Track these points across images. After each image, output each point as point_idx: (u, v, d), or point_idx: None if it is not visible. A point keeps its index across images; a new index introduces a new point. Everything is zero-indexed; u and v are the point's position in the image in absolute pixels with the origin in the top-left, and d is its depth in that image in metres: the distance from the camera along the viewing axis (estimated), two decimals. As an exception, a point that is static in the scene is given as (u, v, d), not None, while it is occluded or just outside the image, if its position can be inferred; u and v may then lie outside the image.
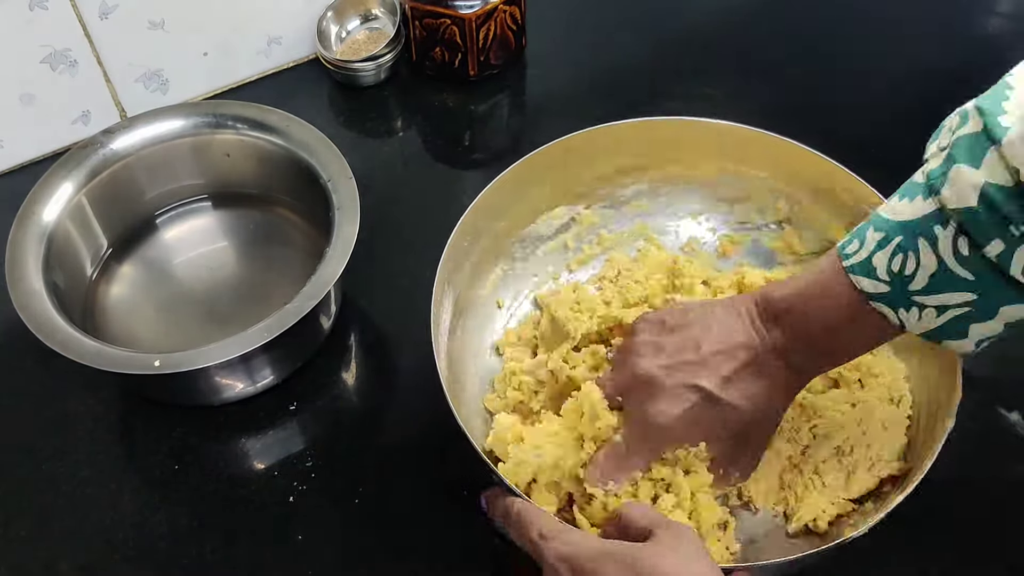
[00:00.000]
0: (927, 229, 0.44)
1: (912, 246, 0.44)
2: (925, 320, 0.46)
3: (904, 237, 0.45)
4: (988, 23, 0.90)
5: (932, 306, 0.45)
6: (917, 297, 0.45)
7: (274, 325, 0.56)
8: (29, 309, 0.57)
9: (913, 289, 0.45)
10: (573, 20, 0.90)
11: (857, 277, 0.46)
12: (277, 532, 0.57)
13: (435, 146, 0.79)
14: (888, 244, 0.45)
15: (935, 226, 0.43)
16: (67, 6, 0.70)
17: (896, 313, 0.46)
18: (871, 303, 0.46)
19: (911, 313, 0.46)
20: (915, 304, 0.45)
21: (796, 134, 0.66)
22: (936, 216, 0.43)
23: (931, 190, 0.44)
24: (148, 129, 0.68)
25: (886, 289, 0.46)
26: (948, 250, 0.43)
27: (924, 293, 0.45)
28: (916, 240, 0.44)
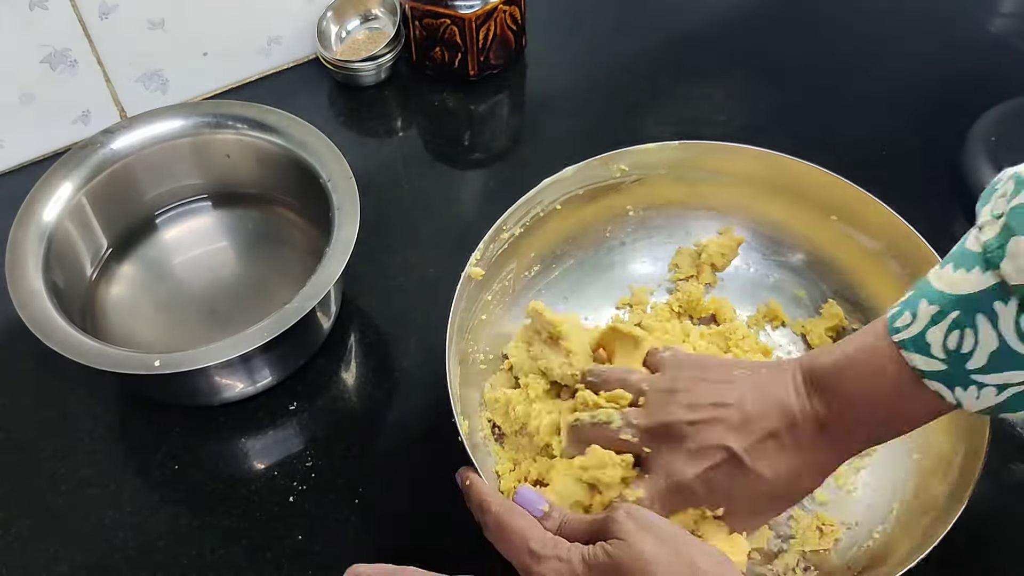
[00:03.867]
0: (986, 305, 0.41)
1: (970, 323, 0.41)
2: (984, 399, 0.43)
3: (961, 312, 0.42)
4: (989, 23, 0.90)
5: (992, 384, 0.42)
6: (976, 376, 0.42)
7: (274, 325, 0.56)
8: (29, 309, 0.57)
9: (971, 368, 0.42)
10: (573, 20, 0.90)
11: (910, 354, 0.43)
12: (277, 532, 0.57)
13: (435, 146, 0.79)
14: (943, 319, 0.42)
15: (995, 302, 0.41)
16: (67, 6, 0.70)
17: (952, 392, 0.43)
18: (926, 381, 0.43)
19: (968, 392, 0.43)
20: (974, 383, 0.42)
21: (796, 134, 0.66)
22: (996, 291, 0.41)
23: (988, 263, 0.41)
24: (148, 129, 0.68)
25: (942, 367, 0.43)
26: (1010, 328, 0.40)
27: (984, 372, 0.42)
28: (975, 316, 0.41)
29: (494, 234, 0.61)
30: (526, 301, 0.64)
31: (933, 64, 0.85)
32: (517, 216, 0.62)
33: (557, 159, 0.64)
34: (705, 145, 0.65)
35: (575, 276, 0.67)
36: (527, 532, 0.45)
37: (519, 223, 0.63)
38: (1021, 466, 0.59)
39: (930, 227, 0.59)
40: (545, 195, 0.63)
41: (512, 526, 0.46)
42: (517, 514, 0.46)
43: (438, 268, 0.70)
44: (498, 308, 0.63)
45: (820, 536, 0.55)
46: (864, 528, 0.55)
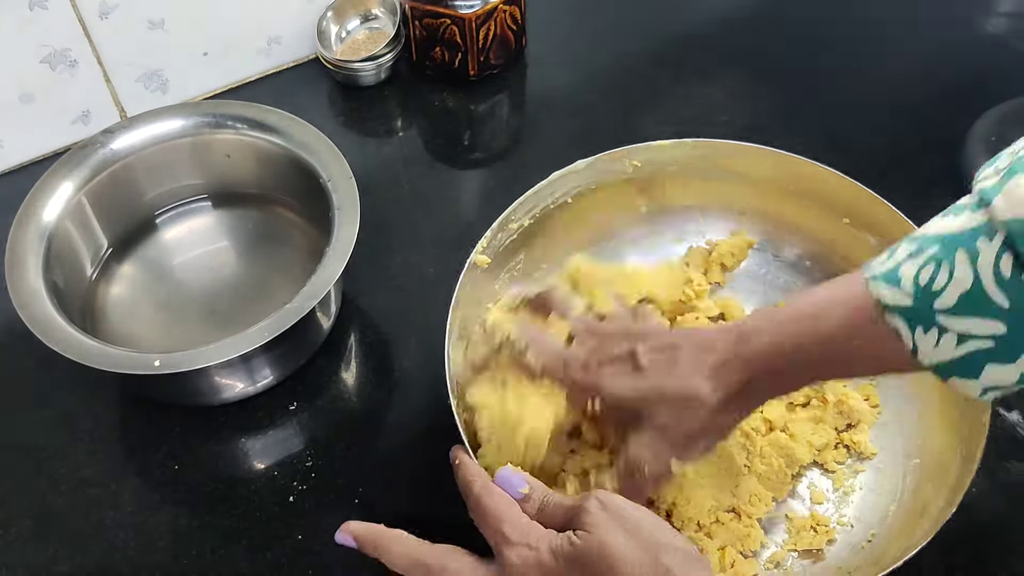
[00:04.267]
0: (969, 241, 0.40)
1: (948, 257, 0.40)
2: (942, 347, 0.41)
3: (940, 247, 0.41)
4: (988, 23, 0.90)
5: (955, 331, 0.40)
6: (941, 317, 0.40)
7: (274, 325, 0.56)
8: (29, 309, 0.57)
9: (939, 307, 0.40)
10: (573, 20, 0.90)
11: (877, 285, 0.42)
12: (277, 532, 0.57)
13: (435, 146, 0.79)
14: (920, 254, 0.41)
15: (979, 238, 0.39)
16: (67, 6, 0.70)
17: (912, 333, 0.41)
18: (887, 315, 0.42)
19: (929, 335, 0.41)
20: (936, 324, 0.40)
21: (796, 134, 0.66)
22: (983, 228, 0.39)
23: (981, 203, 0.40)
24: (148, 129, 0.68)
25: (908, 302, 0.41)
26: (988, 266, 0.39)
27: (950, 313, 0.40)
28: (954, 252, 0.40)
29: (503, 223, 0.61)
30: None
31: (933, 64, 0.85)
32: (527, 207, 0.62)
33: (557, 159, 0.64)
34: (719, 144, 0.64)
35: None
36: (502, 514, 0.45)
37: (528, 214, 0.63)
38: (1018, 465, 0.59)
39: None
40: (556, 187, 0.63)
41: (489, 507, 0.45)
42: (496, 495, 0.46)
43: (438, 268, 0.70)
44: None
45: (814, 536, 0.55)
46: (860, 529, 0.55)
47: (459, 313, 0.57)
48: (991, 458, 0.59)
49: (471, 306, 0.59)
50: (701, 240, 0.68)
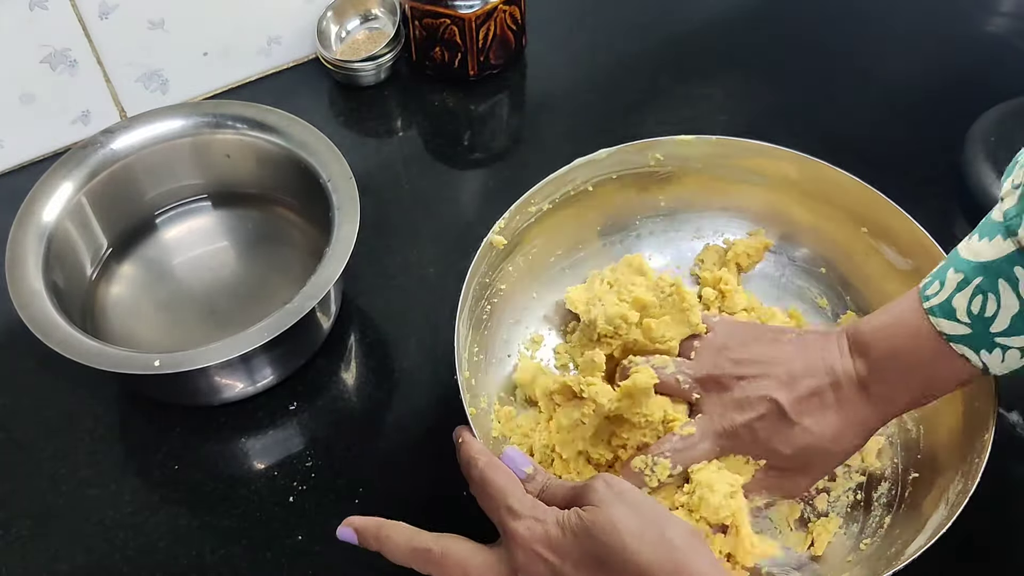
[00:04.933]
0: (1007, 270, 0.44)
1: (992, 288, 0.44)
2: (1009, 361, 0.46)
3: (984, 278, 0.45)
4: (989, 22, 0.90)
5: (1016, 347, 0.45)
6: (999, 339, 0.45)
7: (274, 325, 0.56)
8: (29, 309, 0.57)
9: (995, 331, 0.45)
10: (573, 20, 0.90)
11: (937, 319, 0.47)
12: (277, 532, 0.57)
13: (435, 146, 0.79)
14: (968, 285, 0.45)
15: (1015, 267, 0.44)
16: (67, 6, 0.70)
17: (978, 355, 0.46)
18: (953, 345, 0.46)
19: (994, 355, 0.46)
20: (998, 346, 0.45)
21: (796, 134, 0.66)
22: (1016, 257, 0.43)
23: (1008, 230, 0.44)
24: (148, 129, 0.68)
25: (967, 331, 0.46)
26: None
27: (1007, 335, 0.45)
28: (996, 281, 0.44)
29: (521, 206, 0.61)
30: (547, 277, 0.65)
31: (933, 64, 0.85)
32: (547, 192, 0.62)
33: (557, 159, 0.64)
34: (742, 143, 0.64)
35: (599, 261, 0.66)
36: (508, 489, 0.46)
37: (548, 199, 0.63)
38: (1018, 465, 0.59)
39: (930, 227, 0.59)
40: (578, 174, 0.63)
41: (494, 482, 0.46)
42: (501, 471, 0.47)
43: (438, 268, 0.70)
44: (520, 281, 0.63)
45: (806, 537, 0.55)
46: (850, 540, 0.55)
47: (472, 291, 0.58)
48: (994, 459, 0.59)
49: (483, 288, 0.60)
50: (718, 238, 0.68)
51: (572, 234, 0.66)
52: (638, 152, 0.64)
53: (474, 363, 0.58)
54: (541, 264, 0.65)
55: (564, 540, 0.43)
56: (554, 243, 0.65)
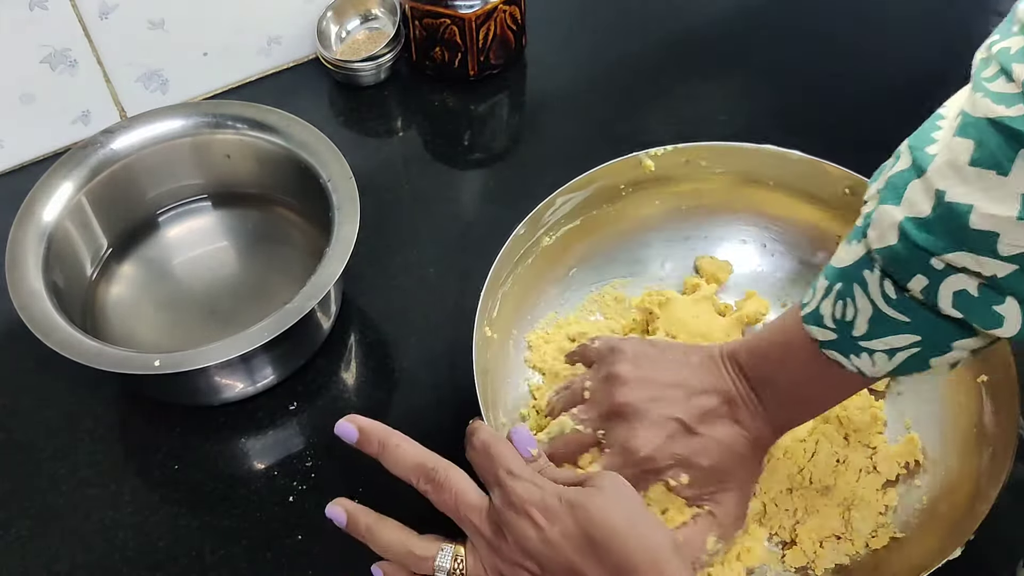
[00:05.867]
0: (857, 274, 0.44)
1: (849, 292, 0.44)
2: (879, 364, 0.45)
3: (843, 284, 0.45)
4: (989, 23, 0.90)
5: (881, 351, 0.44)
6: (863, 343, 0.44)
7: (274, 325, 0.56)
8: (29, 309, 0.57)
9: (857, 335, 0.44)
10: (573, 20, 0.90)
11: (809, 327, 0.46)
12: (277, 532, 0.57)
13: (435, 146, 0.79)
14: (831, 292, 0.45)
15: (864, 270, 0.43)
16: (67, 6, 0.70)
17: (849, 360, 0.46)
18: (824, 351, 0.46)
19: (862, 359, 0.45)
20: (864, 350, 0.45)
21: (796, 134, 0.66)
22: (865, 260, 0.43)
23: (862, 233, 0.43)
24: (148, 129, 0.68)
25: (833, 336, 0.45)
26: (877, 294, 0.43)
27: (868, 338, 0.44)
28: (851, 286, 0.44)
29: (565, 190, 0.62)
30: (561, 271, 0.65)
31: (933, 64, 0.85)
32: (587, 181, 0.63)
33: (557, 159, 0.64)
34: (772, 152, 0.64)
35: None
36: (511, 456, 0.47)
37: (585, 188, 0.64)
38: (1021, 466, 0.59)
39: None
40: (617, 174, 0.64)
41: (498, 448, 0.47)
42: (506, 444, 0.48)
43: (438, 268, 0.70)
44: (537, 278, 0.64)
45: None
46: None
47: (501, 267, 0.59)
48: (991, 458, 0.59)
49: (508, 264, 0.61)
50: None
51: (604, 234, 0.66)
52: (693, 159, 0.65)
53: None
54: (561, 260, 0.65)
55: (559, 508, 0.44)
56: (584, 236, 0.66)
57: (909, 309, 0.42)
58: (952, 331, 0.42)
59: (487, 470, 0.47)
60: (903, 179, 0.42)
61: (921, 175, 0.40)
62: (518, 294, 0.62)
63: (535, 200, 0.63)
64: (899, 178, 0.42)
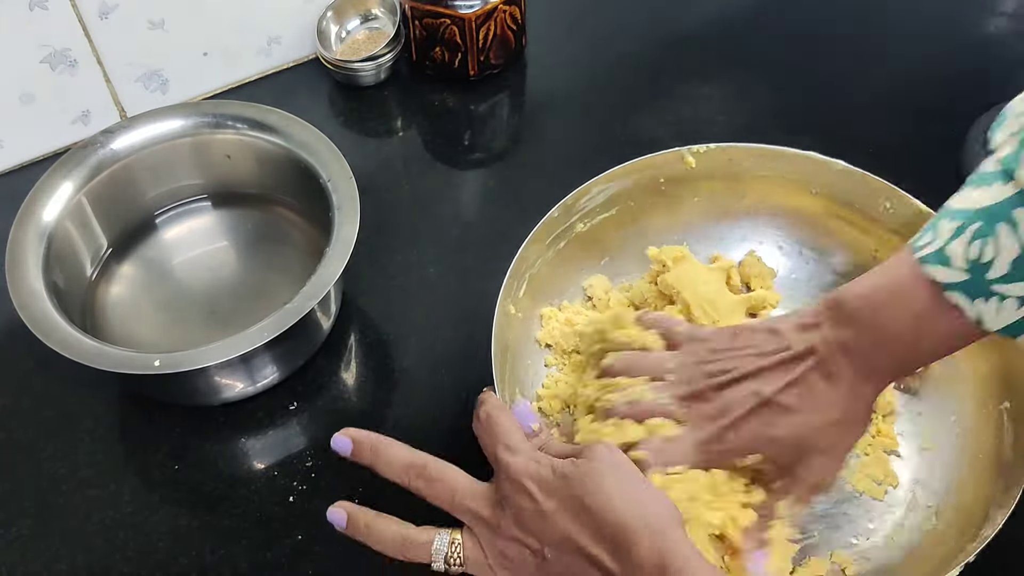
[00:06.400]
0: (1006, 213, 0.42)
1: (991, 232, 0.43)
2: (1005, 312, 0.43)
3: (983, 223, 0.43)
4: (990, 23, 0.90)
5: (1014, 296, 0.43)
6: (997, 286, 0.43)
7: (274, 325, 0.56)
8: (29, 309, 0.57)
9: (992, 278, 0.43)
10: (573, 20, 0.90)
11: (931, 267, 0.44)
12: (277, 532, 0.57)
13: (435, 146, 0.79)
14: (965, 231, 0.44)
15: (1015, 209, 0.42)
16: (67, 6, 0.70)
17: (973, 304, 0.44)
18: (947, 293, 0.44)
19: (990, 304, 0.43)
20: (995, 294, 0.43)
21: (796, 134, 0.66)
22: (1016, 199, 0.42)
23: (1007, 174, 0.42)
24: (148, 129, 0.68)
25: (964, 277, 0.44)
26: None
27: (1005, 281, 0.43)
28: (995, 225, 0.43)
29: (599, 180, 0.62)
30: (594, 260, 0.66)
31: (933, 64, 0.85)
32: (628, 170, 0.64)
33: (557, 159, 0.64)
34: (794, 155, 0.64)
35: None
36: (511, 430, 0.48)
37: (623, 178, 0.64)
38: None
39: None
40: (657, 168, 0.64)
41: (500, 422, 0.48)
42: (508, 415, 0.49)
43: (438, 268, 0.70)
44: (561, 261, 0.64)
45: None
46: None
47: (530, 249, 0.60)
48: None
49: (538, 246, 0.61)
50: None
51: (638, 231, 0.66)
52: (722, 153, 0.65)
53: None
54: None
55: (553, 480, 0.44)
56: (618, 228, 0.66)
57: None
58: None
59: (488, 444, 0.48)
60: None
61: None
62: (545, 276, 0.63)
63: (536, 200, 0.63)
64: None
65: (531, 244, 0.60)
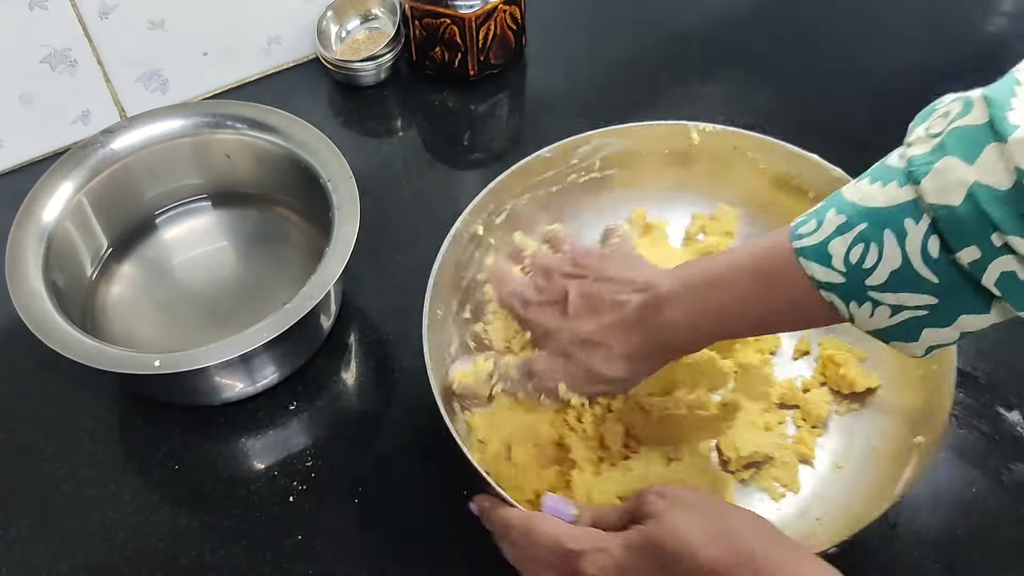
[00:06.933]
0: (896, 221, 0.39)
1: (876, 237, 0.40)
2: (877, 318, 0.41)
3: (869, 225, 0.40)
4: (990, 23, 0.90)
5: (888, 304, 0.41)
6: (873, 293, 0.41)
7: (274, 325, 0.56)
8: (29, 309, 0.57)
9: (870, 284, 0.40)
10: (573, 20, 0.90)
11: (808, 262, 0.42)
12: (277, 532, 0.57)
13: (435, 146, 0.79)
14: (850, 231, 0.41)
15: (907, 219, 0.39)
16: (67, 6, 0.70)
17: (847, 306, 0.42)
18: (822, 292, 0.42)
19: (863, 308, 0.41)
20: (870, 300, 0.41)
21: (795, 134, 0.66)
22: (910, 208, 0.39)
23: (910, 177, 0.39)
24: (148, 129, 0.68)
25: (840, 280, 0.41)
26: (916, 247, 0.39)
27: (881, 290, 0.40)
28: (882, 231, 0.40)
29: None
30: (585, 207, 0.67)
31: (933, 64, 0.85)
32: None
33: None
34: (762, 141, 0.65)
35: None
36: (559, 531, 0.44)
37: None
38: (1020, 466, 0.59)
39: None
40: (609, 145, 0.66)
41: (542, 530, 0.45)
42: (547, 519, 0.46)
43: (438, 268, 0.70)
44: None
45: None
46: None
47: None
48: (994, 459, 0.59)
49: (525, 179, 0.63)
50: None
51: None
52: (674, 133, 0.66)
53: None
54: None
55: (633, 559, 0.42)
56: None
57: (943, 272, 0.39)
58: (971, 304, 0.39)
59: (544, 561, 0.45)
60: (978, 136, 0.38)
61: (1001, 142, 0.37)
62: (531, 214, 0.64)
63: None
64: (972, 133, 0.38)
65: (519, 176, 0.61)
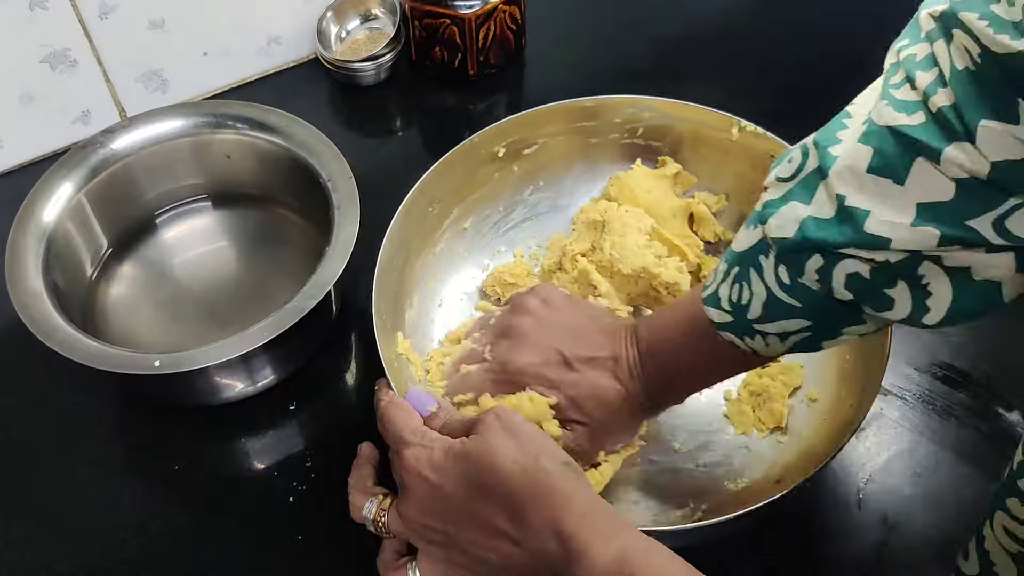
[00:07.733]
0: (754, 259, 0.45)
1: (745, 276, 0.46)
2: (772, 347, 0.47)
3: (740, 267, 0.46)
4: (988, 23, 0.90)
5: (773, 333, 0.46)
6: (757, 325, 0.46)
7: (274, 325, 0.56)
8: (29, 309, 0.57)
9: (751, 318, 0.46)
10: (573, 20, 0.90)
11: (708, 308, 0.48)
12: (277, 532, 0.57)
13: (435, 146, 0.79)
14: (729, 275, 0.47)
15: (760, 255, 0.45)
16: (67, 6, 0.70)
17: (743, 341, 0.47)
18: (720, 332, 0.48)
19: (756, 340, 0.47)
20: (758, 332, 0.46)
21: (795, 134, 0.66)
22: (763, 245, 0.44)
23: (760, 219, 0.44)
24: (148, 129, 0.68)
25: (729, 319, 0.47)
26: (772, 279, 0.44)
27: (761, 322, 0.46)
28: (748, 270, 0.46)
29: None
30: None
31: (933, 64, 0.85)
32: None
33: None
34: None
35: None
36: (404, 423, 0.49)
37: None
38: (1021, 466, 0.59)
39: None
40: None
41: (394, 418, 0.49)
42: (403, 409, 0.50)
43: (438, 268, 0.70)
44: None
45: None
46: None
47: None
48: (993, 459, 0.59)
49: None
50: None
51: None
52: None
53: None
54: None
55: (446, 463, 0.46)
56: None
57: (802, 295, 0.44)
58: (842, 317, 0.44)
59: (389, 443, 0.49)
60: (813, 180, 0.42)
61: (824, 177, 0.41)
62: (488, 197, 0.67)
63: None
64: (810, 179, 0.43)
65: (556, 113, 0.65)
